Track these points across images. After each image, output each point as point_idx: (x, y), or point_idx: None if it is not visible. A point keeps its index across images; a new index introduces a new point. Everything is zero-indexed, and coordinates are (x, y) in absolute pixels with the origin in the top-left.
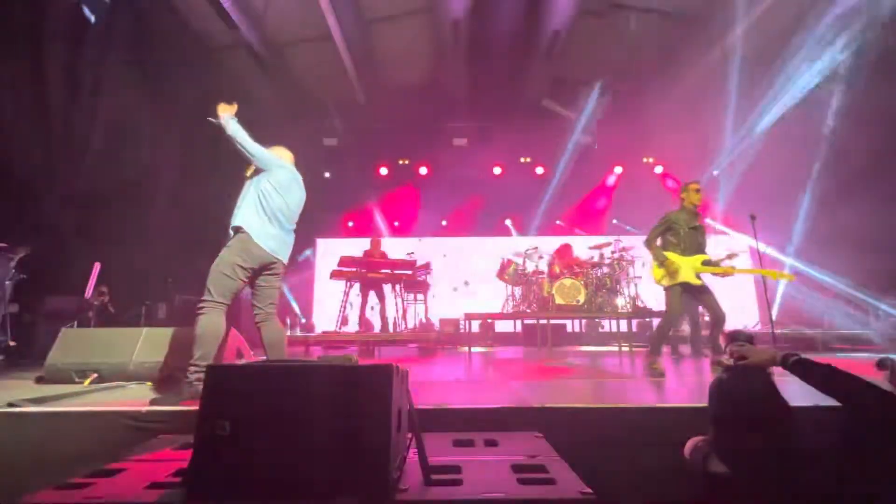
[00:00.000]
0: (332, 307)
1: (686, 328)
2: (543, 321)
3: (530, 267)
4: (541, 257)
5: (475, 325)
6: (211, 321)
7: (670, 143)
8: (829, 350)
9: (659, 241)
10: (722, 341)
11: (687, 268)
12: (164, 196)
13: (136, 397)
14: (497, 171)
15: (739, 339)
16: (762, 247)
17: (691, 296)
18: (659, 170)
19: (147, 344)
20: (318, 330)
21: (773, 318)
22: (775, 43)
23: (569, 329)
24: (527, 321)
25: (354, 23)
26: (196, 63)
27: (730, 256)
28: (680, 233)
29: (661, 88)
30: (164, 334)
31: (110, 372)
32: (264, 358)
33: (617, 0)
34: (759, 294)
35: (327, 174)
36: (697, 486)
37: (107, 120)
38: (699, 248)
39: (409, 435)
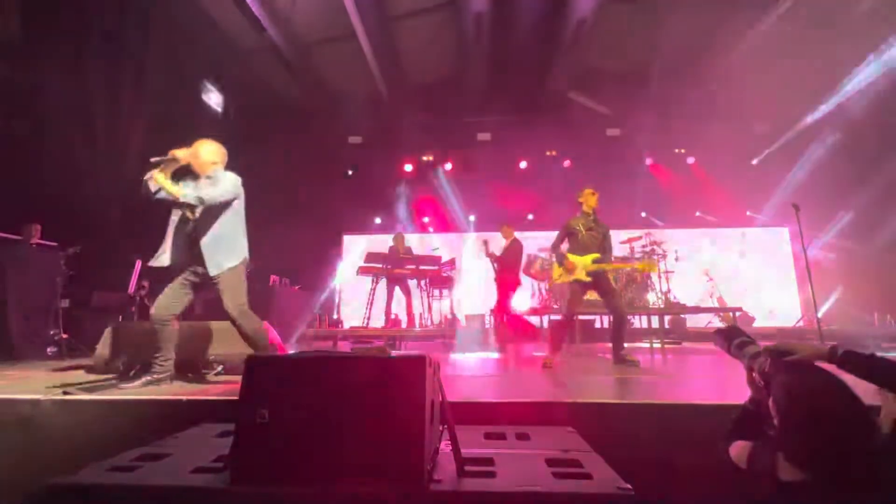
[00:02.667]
0: (358, 303)
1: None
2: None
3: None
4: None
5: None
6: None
7: (703, 133)
8: (878, 349)
9: (565, 245)
10: (720, 341)
11: (580, 267)
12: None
13: (178, 388)
14: (523, 164)
15: (739, 336)
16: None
17: (597, 291)
18: (691, 160)
19: (186, 338)
20: (346, 325)
21: (819, 315)
22: (818, 27)
23: (597, 325)
24: (553, 317)
25: (377, 20)
26: (225, 65)
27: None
28: (578, 236)
29: (692, 76)
30: (202, 328)
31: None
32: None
33: None
34: (805, 291)
35: (351, 171)
36: (758, 494)
37: (145, 120)
38: (596, 249)
39: (442, 427)
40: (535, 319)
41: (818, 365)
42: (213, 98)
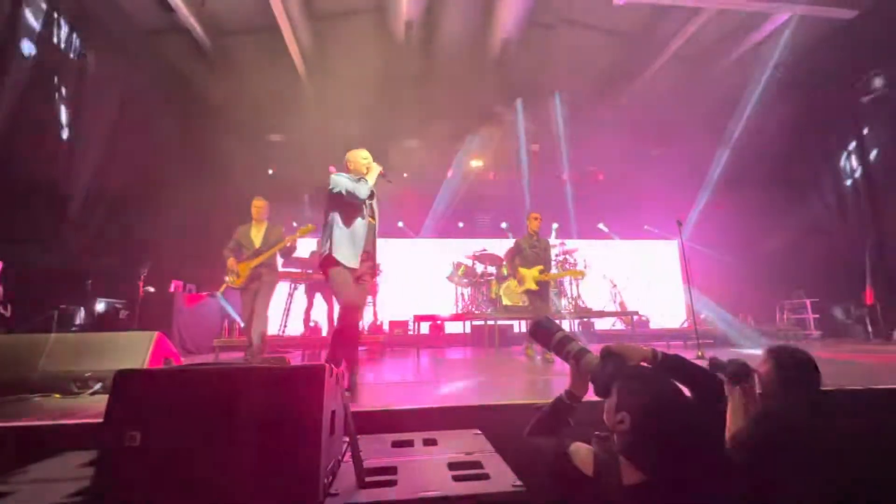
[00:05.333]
0: (275, 310)
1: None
2: (491, 322)
3: (479, 269)
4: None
5: (424, 327)
6: None
7: (612, 154)
8: (737, 346)
9: (517, 261)
10: (540, 336)
11: (529, 278)
12: (83, 190)
13: (39, 411)
14: (449, 173)
15: (558, 330)
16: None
17: (536, 297)
18: (601, 177)
19: (56, 352)
20: None
21: (701, 316)
22: (701, 66)
23: (515, 329)
24: (475, 322)
25: (303, 16)
26: (128, 47)
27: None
28: (524, 253)
29: (603, 101)
30: (77, 341)
31: (9, 383)
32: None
33: (566, 15)
34: (687, 297)
35: (271, 171)
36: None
37: (25, 110)
38: (539, 262)
39: (347, 438)
40: (458, 325)
41: (655, 372)
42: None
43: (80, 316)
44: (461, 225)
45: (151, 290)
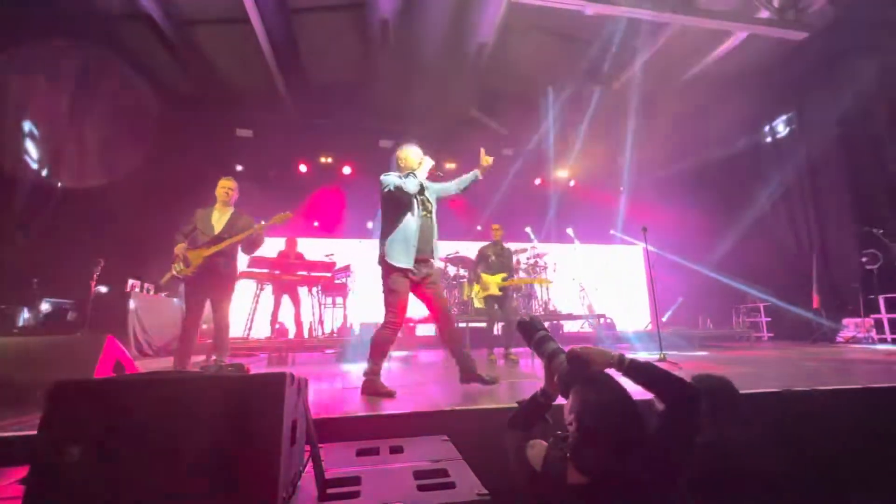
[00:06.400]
0: (239, 312)
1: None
2: (463, 324)
3: (452, 271)
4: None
5: None
6: None
7: (584, 160)
8: (703, 348)
9: (480, 268)
10: (523, 334)
11: (493, 284)
12: (30, 183)
13: None
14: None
15: (539, 330)
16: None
17: (499, 303)
18: (572, 183)
19: None
20: None
21: (663, 319)
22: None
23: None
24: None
25: (275, 9)
26: (85, 31)
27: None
28: (489, 260)
29: (576, 108)
30: (16, 345)
31: None
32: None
33: (537, 21)
34: (651, 299)
35: (240, 167)
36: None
37: None
38: (503, 269)
39: (308, 448)
40: (430, 327)
41: (612, 379)
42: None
43: (23, 318)
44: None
45: (104, 289)
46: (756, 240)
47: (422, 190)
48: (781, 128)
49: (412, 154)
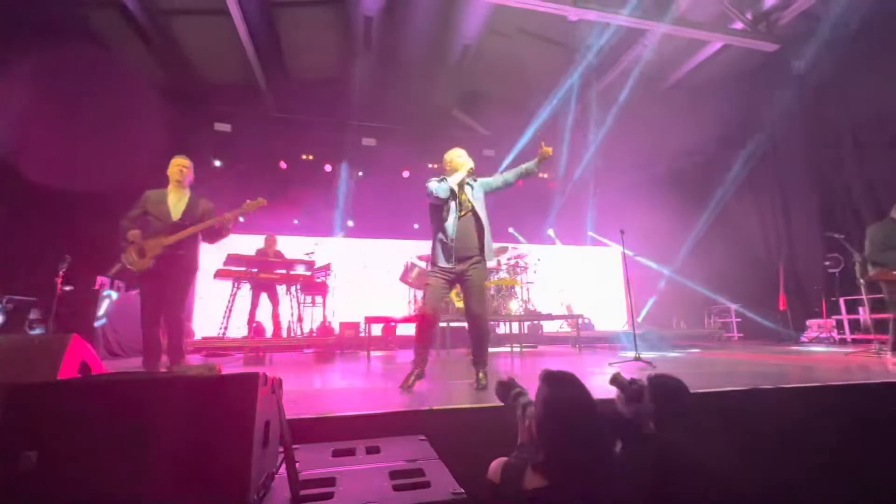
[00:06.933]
0: (215, 310)
1: None
2: (443, 324)
3: None
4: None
5: (376, 329)
6: None
7: (564, 162)
8: (674, 348)
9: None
10: (501, 393)
11: None
12: None
13: None
14: (406, 174)
15: (515, 388)
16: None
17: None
18: (551, 184)
19: None
20: (199, 336)
21: (638, 320)
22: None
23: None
24: None
25: (256, 1)
26: (50, 16)
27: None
28: None
29: (558, 112)
30: None
31: None
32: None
33: (524, 26)
34: (628, 299)
35: (218, 163)
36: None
37: None
38: None
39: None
40: (410, 327)
41: (573, 376)
42: None
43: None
44: (416, 226)
45: (69, 288)
46: (729, 243)
47: (461, 191)
48: (754, 138)
49: (456, 157)
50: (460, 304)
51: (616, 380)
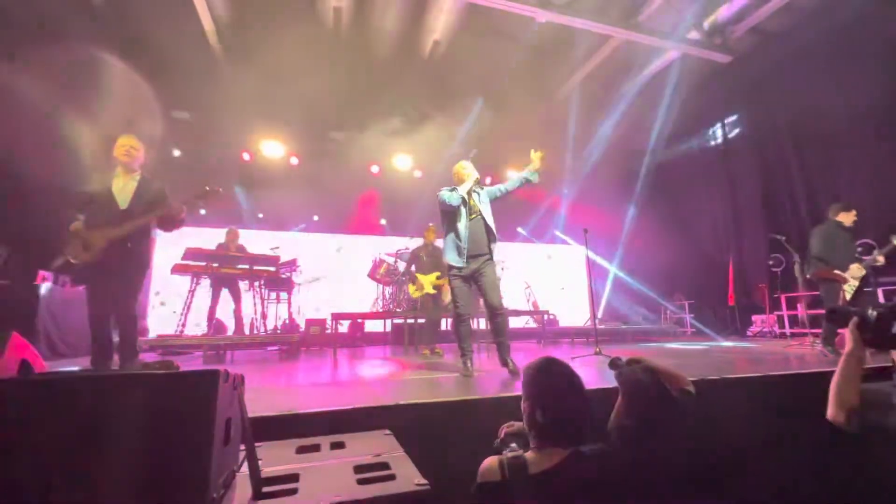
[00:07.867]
0: (172, 307)
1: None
2: (411, 320)
3: (402, 267)
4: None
5: (344, 326)
6: None
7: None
8: (634, 342)
9: (413, 267)
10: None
11: (427, 283)
12: None
13: None
14: (375, 169)
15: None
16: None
17: (435, 301)
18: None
19: None
20: (154, 333)
21: (599, 316)
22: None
23: (442, 327)
24: (396, 321)
25: None
26: None
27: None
28: (422, 261)
29: (524, 111)
30: None
31: None
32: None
33: (494, 25)
34: (590, 296)
35: (177, 152)
36: None
37: None
38: (436, 269)
39: (243, 447)
40: (378, 323)
41: (561, 364)
42: None
43: None
44: (384, 222)
45: (5, 282)
46: (683, 243)
47: (470, 198)
48: (708, 139)
49: (462, 170)
50: (417, 295)
51: (614, 363)
